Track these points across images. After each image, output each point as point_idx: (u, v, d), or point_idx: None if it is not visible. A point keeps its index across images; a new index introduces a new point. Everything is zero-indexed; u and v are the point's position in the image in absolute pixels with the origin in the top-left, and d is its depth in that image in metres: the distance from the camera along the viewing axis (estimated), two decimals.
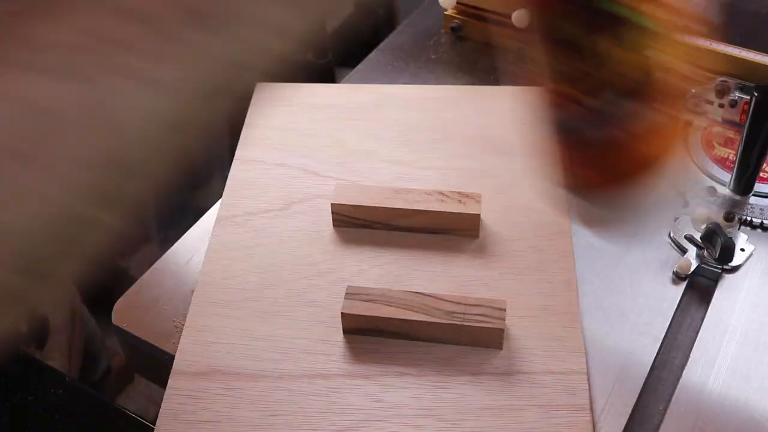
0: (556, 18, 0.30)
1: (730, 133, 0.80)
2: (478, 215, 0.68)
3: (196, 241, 0.73)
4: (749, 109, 0.69)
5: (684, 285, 0.68)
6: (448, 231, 0.69)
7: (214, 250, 0.69)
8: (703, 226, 0.70)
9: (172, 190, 0.30)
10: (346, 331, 0.62)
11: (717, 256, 0.67)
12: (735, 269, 0.68)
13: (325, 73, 1.35)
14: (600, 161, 0.32)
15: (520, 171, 0.75)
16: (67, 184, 0.27)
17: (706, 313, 0.66)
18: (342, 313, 0.61)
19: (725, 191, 0.74)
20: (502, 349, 0.61)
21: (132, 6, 0.27)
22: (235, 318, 0.64)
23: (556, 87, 0.31)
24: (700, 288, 0.68)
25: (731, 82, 0.79)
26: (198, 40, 0.28)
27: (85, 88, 0.27)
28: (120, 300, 0.68)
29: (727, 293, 0.67)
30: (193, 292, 0.66)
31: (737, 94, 0.79)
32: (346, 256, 0.68)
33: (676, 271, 0.68)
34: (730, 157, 0.77)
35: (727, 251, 0.67)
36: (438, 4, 0.95)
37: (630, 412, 0.59)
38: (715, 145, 0.79)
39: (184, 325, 0.64)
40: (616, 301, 0.66)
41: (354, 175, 0.75)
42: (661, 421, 0.59)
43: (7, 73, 0.26)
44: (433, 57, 0.93)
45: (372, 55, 0.93)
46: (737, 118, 0.80)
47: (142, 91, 0.27)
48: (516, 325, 0.62)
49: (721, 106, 0.80)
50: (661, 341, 0.64)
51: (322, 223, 0.71)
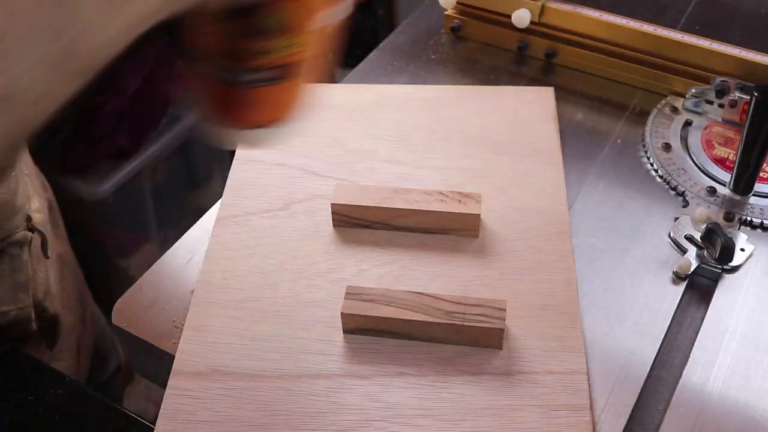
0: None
1: (730, 133, 0.80)
2: (478, 215, 0.68)
3: (196, 241, 0.73)
4: (749, 109, 0.69)
5: (684, 285, 0.68)
6: (448, 231, 0.69)
7: (214, 250, 0.69)
8: (703, 226, 0.70)
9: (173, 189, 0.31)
10: (346, 331, 0.62)
11: (717, 256, 0.67)
12: (735, 269, 0.68)
13: (325, 73, 1.35)
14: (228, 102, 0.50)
15: (520, 171, 0.75)
16: None
17: (706, 313, 0.66)
18: (342, 313, 0.61)
19: (725, 191, 0.74)
20: (502, 349, 0.61)
21: None
22: (235, 318, 0.64)
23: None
24: (700, 288, 0.68)
25: (731, 82, 0.79)
26: None
27: None
28: (120, 300, 0.68)
29: (727, 293, 0.67)
30: (193, 292, 0.66)
31: (737, 94, 0.79)
32: (346, 256, 0.68)
33: (676, 271, 0.68)
34: (730, 157, 0.77)
35: (727, 251, 0.67)
36: (438, 4, 0.95)
37: (630, 412, 0.59)
38: (715, 145, 0.79)
39: (184, 325, 0.64)
40: (616, 301, 0.66)
41: (354, 175, 0.75)
42: (661, 421, 0.59)
43: None
44: (433, 57, 0.93)
45: (372, 55, 0.93)
46: (737, 118, 0.80)
47: None
48: (516, 325, 0.62)
49: (721, 106, 0.80)
50: (661, 341, 0.64)
51: (322, 223, 0.71)
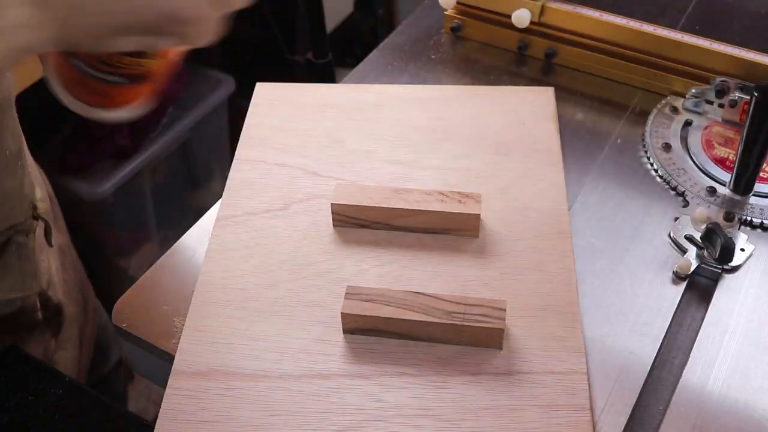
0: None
1: (730, 133, 0.80)
2: (478, 215, 0.68)
3: (196, 241, 0.73)
4: (749, 109, 0.69)
5: (684, 285, 0.68)
6: (448, 231, 0.69)
7: (214, 250, 0.69)
8: (703, 226, 0.70)
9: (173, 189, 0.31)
10: (346, 331, 0.62)
11: (717, 256, 0.67)
12: (735, 269, 0.68)
13: (325, 73, 1.35)
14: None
15: (520, 171, 0.75)
16: None
17: (706, 313, 0.66)
18: (342, 313, 0.61)
19: (725, 191, 0.74)
20: (502, 349, 0.61)
21: None
22: (235, 318, 0.64)
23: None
24: (700, 288, 0.68)
25: (731, 82, 0.79)
26: None
27: None
28: (120, 300, 0.68)
29: (727, 293, 0.67)
30: (193, 292, 0.66)
31: (737, 94, 0.79)
32: (346, 256, 0.68)
33: (676, 271, 0.68)
34: (730, 157, 0.77)
35: (727, 251, 0.67)
36: (438, 4, 0.95)
37: (630, 412, 0.59)
38: (715, 145, 0.79)
39: (184, 325, 0.64)
40: (616, 301, 0.66)
41: (354, 175, 0.75)
42: (661, 421, 0.59)
43: None
44: (433, 57, 0.93)
45: (372, 55, 0.93)
46: (737, 118, 0.80)
47: None
48: (516, 325, 0.62)
49: (721, 106, 0.80)
50: (661, 341, 0.64)
51: (322, 223, 0.71)
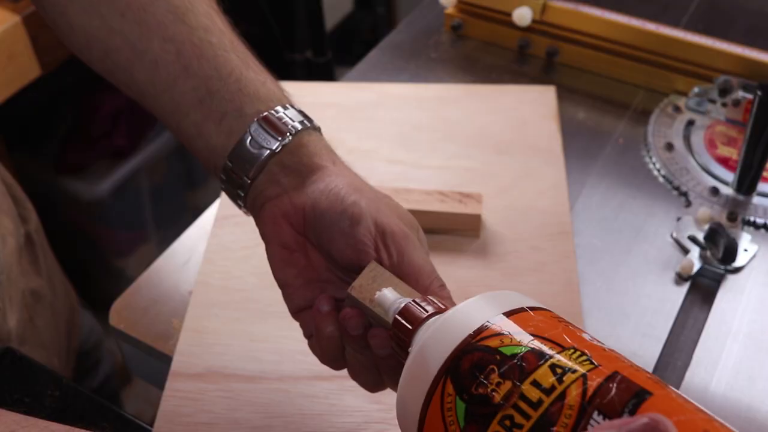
0: None
1: (733, 133, 0.79)
2: (479, 215, 0.68)
3: (195, 242, 0.72)
4: (752, 108, 0.68)
5: (687, 286, 0.67)
6: (449, 231, 0.69)
7: (213, 250, 0.69)
8: (706, 227, 0.69)
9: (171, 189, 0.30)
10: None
11: (720, 257, 0.67)
12: (738, 270, 0.68)
13: (325, 72, 1.35)
14: None
15: (521, 170, 0.75)
16: None
17: (709, 314, 0.65)
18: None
19: (728, 191, 0.73)
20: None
21: None
22: (234, 319, 0.64)
23: None
24: (703, 289, 0.68)
25: (734, 80, 0.79)
26: None
27: None
28: (117, 301, 0.67)
29: (730, 294, 0.66)
30: (191, 292, 0.66)
31: (741, 93, 0.78)
32: None
33: (679, 272, 0.67)
34: (734, 157, 0.77)
35: (731, 252, 0.67)
36: (438, 2, 0.95)
37: None
38: (718, 144, 0.78)
39: (182, 326, 0.63)
40: (619, 302, 0.66)
41: None
42: None
43: None
44: (433, 56, 0.92)
45: (372, 53, 0.93)
46: (740, 117, 0.79)
47: None
48: None
49: (724, 105, 0.80)
50: (663, 342, 0.63)
51: None
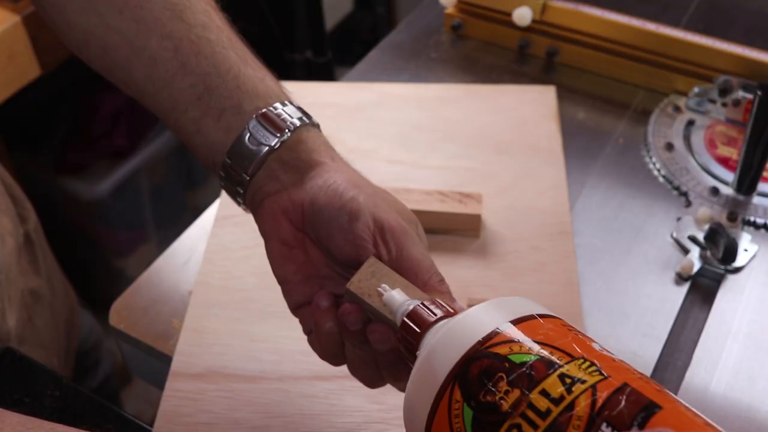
0: None
1: (734, 132, 0.79)
2: (479, 215, 0.68)
3: (195, 242, 0.72)
4: (753, 108, 0.68)
5: (687, 286, 0.67)
6: (449, 231, 0.69)
7: (213, 250, 0.69)
8: (706, 227, 0.69)
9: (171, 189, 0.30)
10: None
11: (720, 257, 0.67)
12: (738, 270, 0.68)
13: (325, 72, 1.35)
14: None
15: (521, 170, 0.75)
16: None
17: (709, 314, 0.65)
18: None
19: (728, 191, 0.73)
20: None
21: None
22: (234, 319, 0.64)
23: None
24: (703, 289, 0.68)
25: (735, 80, 0.79)
26: None
27: None
28: (117, 301, 0.67)
29: (730, 294, 0.66)
30: (191, 292, 0.66)
31: (741, 93, 0.78)
32: None
33: (679, 272, 0.67)
34: (734, 157, 0.77)
35: (731, 252, 0.66)
36: (438, 2, 0.95)
37: None
38: (718, 144, 0.78)
39: (182, 326, 0.63)
40: (619, 302, 0.66)
41: None
42: None
43: None
44: (433, 56, 0.92)
45: (372, 53, 0.93)
46: (740, 117, 0.79)
47: None
48: None
49: (724, 105, 0.80)
50: (663, 342, 0.63)
51: None
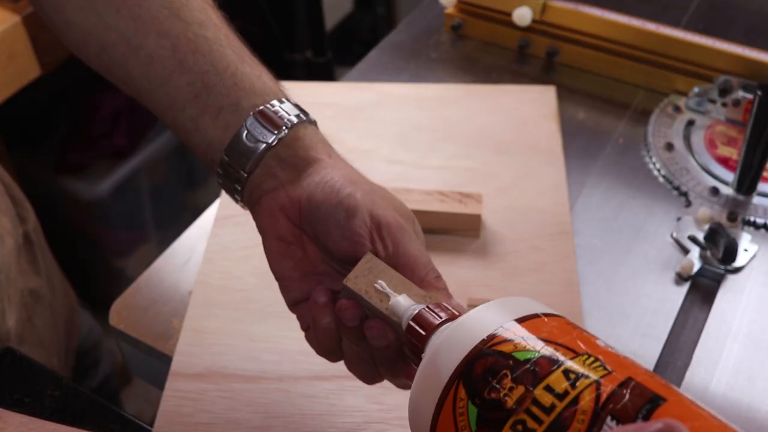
0: None
1: (734, 132, 0.79)
2: (479, 215, 0.68)
3: (195, 242, 0.72)
4: (753, 108, 0.68)
5: (687, 286, 0.67)
6: (449, 231, 0.69)
7: (213, 250, 0.69)
8: (706, 227, 0.69)
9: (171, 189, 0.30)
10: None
11: (720, 257, 0.67)
12: (738, 270, 0.68)
13: (325, 72, 1.35)
14: None
15: (521, 170, 0.75)
16: None
17: (709, 314, 0.65)
18: None
19: (728, 191, 0.73)
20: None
21: None
22: (234, 319, 0.64)
23: None
24: (703, 289, 0.68)
25: (735, 80, 0.79)
26: None
27: None
28: (117, 301, 0.67)
29: (730, 294, 0.66)
30: (191, 292, 0.66)
31: (741, 93, 0.78)
32: None
33: (679, 272, 0.67)
34: (734, 157, 0.77)
35: (731, 252, 0.66)
36: (438, 2, 0.95)
37: None
38: (718, 144, 0.78)
39: (182, 326, 0.63)
40: (619, 302, 0.66)
41: None
42: None
43: None
44: (433, 56, 0.92)
45: (372, 53, 0.93)
46: (740, 117, 0.79)
47: None
48: None
49: (724, 105, 0.80)
50: (663, 342, 0.63)
51: None
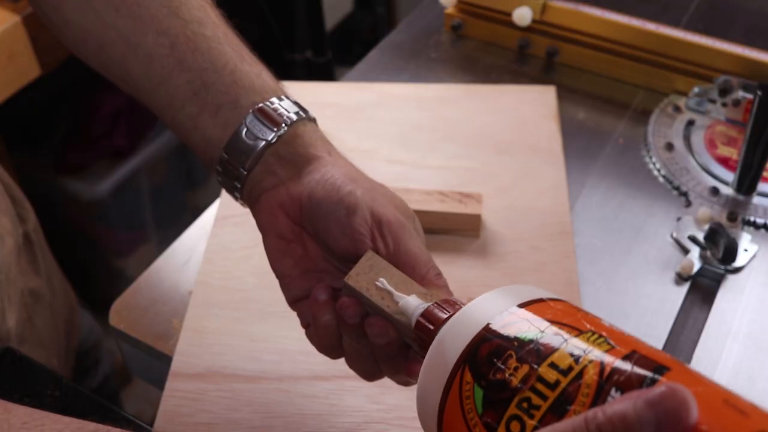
0: None
1: (734, 132, 0.79)
2: (479, 215, 0.68)
3: (195, 242, 0.72)
4: (753, 108, 0.68)
5: (687, 286, 0.67)
6: (449, 231, 0.69)
7: (213, 250, 0.69)
8: (706, 227, 0.69)
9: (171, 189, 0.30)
10: None
11: (720, 257, 0.67)
12: (738, 270, 0.68)
13: (325, 72, 1.35)
14: None
15: (521, 170, 0.75)
16: None
17: (709, 314, 0.65)
18: None
19: (728, 191, 0.73)
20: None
21: None
22: (234, 319, 0.64)
23: None
24: (703, 289, 0.68)
25: (735, 80, 0.79)
26: None
27: None
28: (117, 301, 0.67)
29: (730, 294, 0.66)
30: (191, 292, 0.66)
31: (741, 93, 0.78)
32: None
33: (679, 272, 0.67)
34: (734, 157, 0.77)
35: (731, 252, 0.66)
36: (438, 2, 0.94)
37: None
38: (718, 144, 0.78)
39: (182, 326, 0.63)
40: (619, 302, 0.66)
41: None
42: None
43: None
44: (433, 56, 0.92)
45: (372, 53, 0.93)
46: (740, 117, 0.79)
47: None
48: None
49: (724, 105, 0.80)
50: (663, 342, 0.63)
51: None
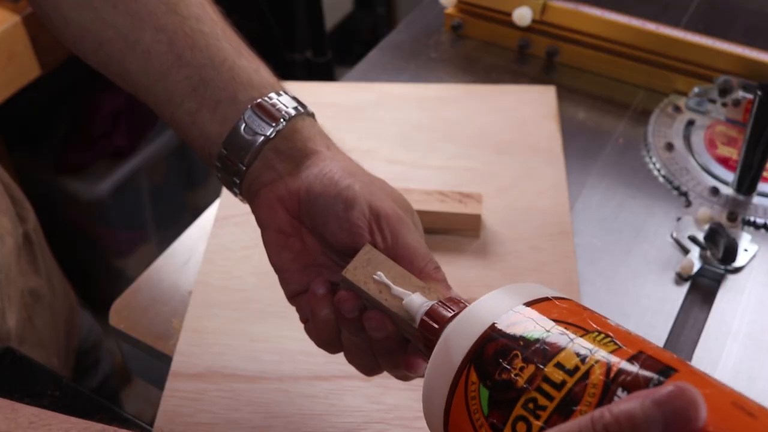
0: None
1: (734, 132, 0.79)
2: (479, 215, 0.68)
3: (195, 242, 0.72)
4: (753, 108, 0.68)
5: (687, 286, 0.67)
6: (449, 231, 0.69)
7: (213, 250, 0.69)
8: (706, 227, 0.69)
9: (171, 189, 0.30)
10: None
11: (720, 257, 0.67)
12: (738, 270, 0.68)
13: (325, 72, 1.35)
14: None
15: (521, 170, 0.75)
16: None
17: (709, 314, 0.65)
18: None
19: (728, 191, 0.73)
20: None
21: None
22: (234, 319, 0.64)
23: None
24: (703, 289, 0.68)
25: (735, 80, 0.79)
26: None
27: None
28: (117, 301, 0.67)
29: (730, 294, 0.66)
30: (191, 292, 0.66)
31: (741, 93, 0.78)
32: None
33: (679, 272, 0.67)
34: (734, 157, 0.77)
35: (731, 252, 0.66)
36: (438, 2, 0.94)
37: None
38: (718, 144, 0.78)
39: (182, 326, 0.63)
40: (618, 302, 0.66)
41: None
42: None
43: None
44: (433, 56, 0.92)
45: (372, 53, 0.93)
46: (740, 117, 0.79)
47: None
48: None
49: (724, 104, 0.80)
50: (664, 342, 0.63)
51: None
